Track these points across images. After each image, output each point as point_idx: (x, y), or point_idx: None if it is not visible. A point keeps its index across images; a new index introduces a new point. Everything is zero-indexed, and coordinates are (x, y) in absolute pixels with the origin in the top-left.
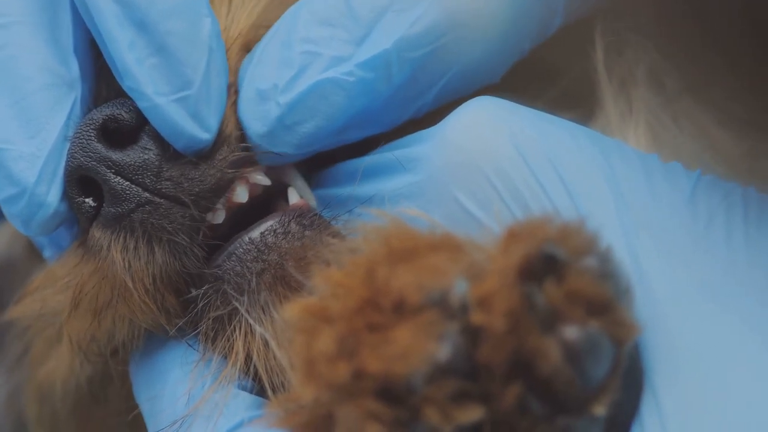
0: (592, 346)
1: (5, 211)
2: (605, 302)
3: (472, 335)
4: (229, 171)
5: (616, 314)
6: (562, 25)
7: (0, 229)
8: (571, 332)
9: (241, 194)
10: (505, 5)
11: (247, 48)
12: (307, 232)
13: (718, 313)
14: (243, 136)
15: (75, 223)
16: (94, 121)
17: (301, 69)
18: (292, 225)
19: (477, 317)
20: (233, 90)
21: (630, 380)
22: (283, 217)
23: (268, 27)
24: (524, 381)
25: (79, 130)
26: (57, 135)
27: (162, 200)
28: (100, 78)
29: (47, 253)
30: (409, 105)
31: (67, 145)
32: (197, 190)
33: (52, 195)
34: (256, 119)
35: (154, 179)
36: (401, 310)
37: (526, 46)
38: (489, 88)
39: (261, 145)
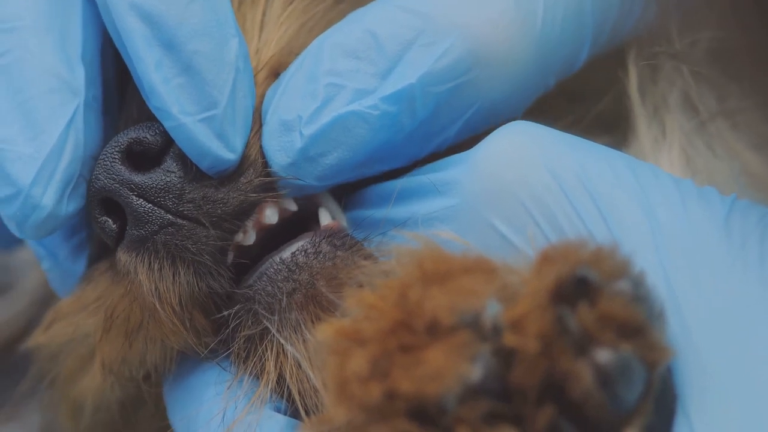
0: (624, 369)
1: (1, 212)
2: (638, 326)
3: (505, 357)
4: (253, 195)
5: (648, 338)
6: (589, 58)
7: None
8: (603, 355)
9: (271, 216)
10: (531, 42)
11: (276, 73)
12: (338, 253)
13: (750, 338)
14: (267, 163)
15: (74, 233)
16: (119, 144)
17: (325, 101)
18: (324, 245)
19: (509, 339)
20: (258, 115)
21: (662, 404)
22: (314, 238)
23: (297, 53)
24: (556, 403)
25: (104, 153)
26: (57, 138)
27: (184, 222)
28: (132, 100)
29: (45, 265)
30: (432, 139)
31: (68, 147)
32: (219, 212)
33: (48, 197)
34: (280, 150)
35: (176, 201)
36: (434, 331)
37: (551, 81)
38: (526, 113)
39: (284, 175)
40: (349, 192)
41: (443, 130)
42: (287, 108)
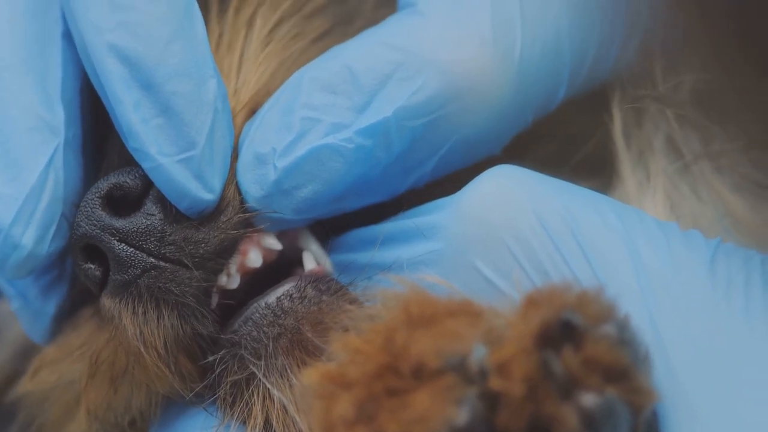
0: (610, 413)
1: None
2: (623, 369)
3: (491, 400)
4: (233, 232)
5: (633, 381)
6: (568, 98)
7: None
8: (588, 399)
9: (254, 259)
10: (509, 78)
11: (254, 111)
12: (324, 297)
13: (736, 380)
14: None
15: (44, 273)
16: (99, 190)
17: (300, 134)
18: (309, 290)
19: (495, 383)
20: (236, 155)
21: None
22: (299, 282)
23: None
24: None
25: (85, 200)
26: (36, 178)
27: (167, 264)
28: (113, 145)
29: (14, 305)
30: (409, 174)
31: (48, 187)
32: (201, 252)
33: (28, 237)
34: (254, 182)
35: (158, 244)
36: (420, 374)
37: (529, 117)
38: (511, 156)
39: (259, 208)
40: (333, 235)
41: (420, 164)
42: (262, 141)
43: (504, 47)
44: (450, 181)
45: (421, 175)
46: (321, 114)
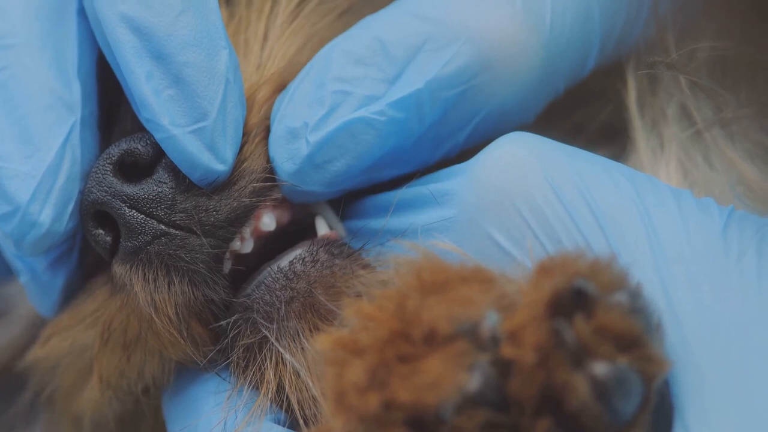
0: (621, 381)
1: None
2: (635, 338)
3: (503, 367)
4: (245, 200)
5: (645, 350)
6: (597, 66)
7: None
8: (599, 368)
9: (268, 223)
10: (540, 47)
11: (282, 86)
12: (336, 261)
13: (748, 351)
14: (268, 170)
15: (56, 249)
16: (111, 156)
17: (332, 108)
18: (321, 253)
19: (507, 350)
20: (262, 127)
21: (660, 417)
22: (311, 246)
23: (303, 66)
24: (553, 415)
25: (96, 166)
26: (54, 155)
27: (177, 231)
28: (125, 113)
29: (23, 279)
30: (442, 144)
31: (65, 165)
32: (212, 220)
33: (45, 214)
34: (286, 157)
35: (168, 211)
36: (432, 340)
37: (560, 86)
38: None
39: (291, 183)
40: (347, 201)
41: (453, 134)
42: (294, 115)
43: (535, 15)
44: (482, 149)
45: (455, 144)
46: (352, 87)
